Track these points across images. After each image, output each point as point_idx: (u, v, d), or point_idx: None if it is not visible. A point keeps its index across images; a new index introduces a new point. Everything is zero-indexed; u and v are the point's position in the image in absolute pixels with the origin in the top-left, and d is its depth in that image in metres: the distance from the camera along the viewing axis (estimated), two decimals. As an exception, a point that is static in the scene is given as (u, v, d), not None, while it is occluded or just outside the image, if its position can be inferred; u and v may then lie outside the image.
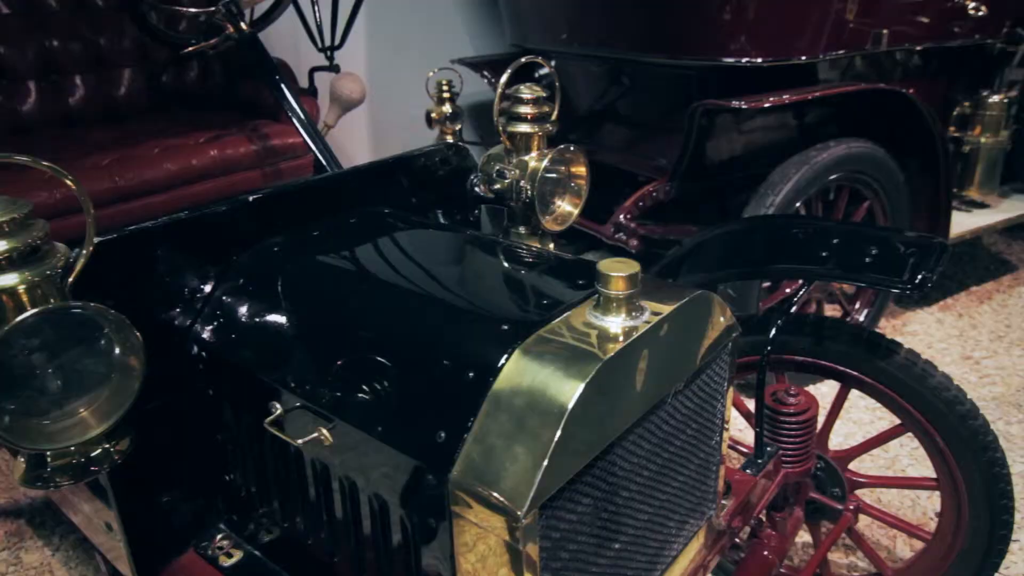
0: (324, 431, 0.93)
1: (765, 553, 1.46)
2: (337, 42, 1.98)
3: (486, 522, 0.77)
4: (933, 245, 1.39)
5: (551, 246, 1.49)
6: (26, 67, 1.91)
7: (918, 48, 2.69)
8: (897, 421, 1.53)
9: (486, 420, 0.80)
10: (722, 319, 1.02)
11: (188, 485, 1.16)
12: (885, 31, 2.48)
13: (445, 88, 1.98)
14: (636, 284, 0.86)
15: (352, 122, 2.87)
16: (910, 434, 1.52)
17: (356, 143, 3.21)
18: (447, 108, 2.03)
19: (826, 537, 1.58)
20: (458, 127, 2.07)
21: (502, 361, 0.83)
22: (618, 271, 0.85)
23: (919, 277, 1.33)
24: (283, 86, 1.56)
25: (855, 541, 1.67)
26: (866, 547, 1.66)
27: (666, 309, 0.91)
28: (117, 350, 0.90)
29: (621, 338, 0.85)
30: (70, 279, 0.88)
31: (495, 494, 0.75)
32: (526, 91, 1.44)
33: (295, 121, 1.54)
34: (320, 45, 1.99)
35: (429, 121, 2.00)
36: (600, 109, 3.01)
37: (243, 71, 2.10)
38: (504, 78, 1.40)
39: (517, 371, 0.82)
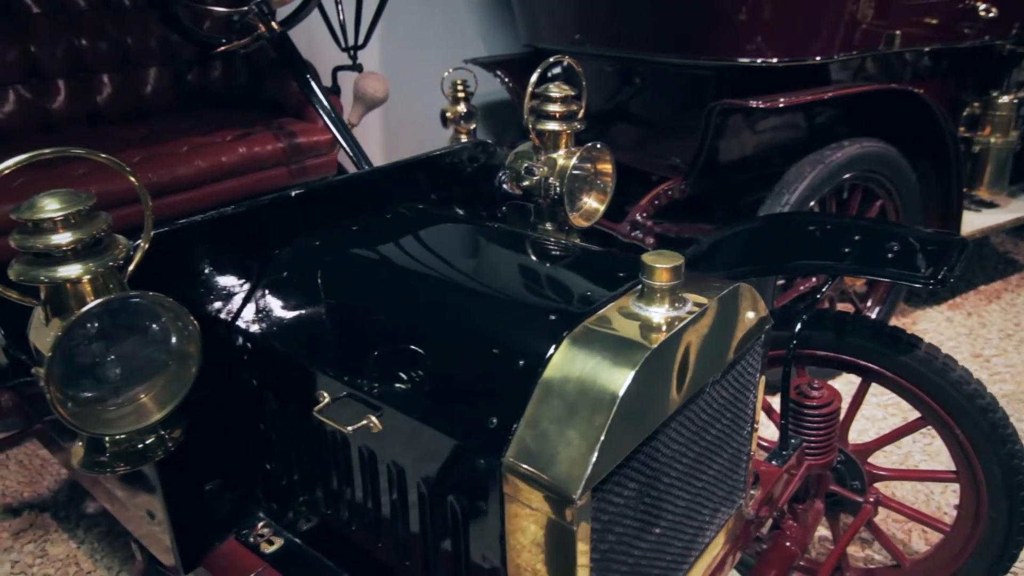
0: (373, 418, 0.96)
1: (787, 544, 1.49)
2: (360, 42, 2.01)
3: (539, 504, 0.80)
4: (954, 241, 1.42)
5: (576, 242, 1.52)
6: (56, 66, 1.93)
7: (929, 49, 2.71)
8: (917, 415, 1.56)
9: (538, 406, 0.83)
10: (757, 311, 1.05)
11: (229, 474, 1.19)
12: (898, 32, 2.51)
13: (460, 88, 2.01)
14: (680, 275, 0.88)
15: (366, 121, 2.90)
16: (922, 431, 1.55)
17: (370, 142, 3.24)
18: (462, 107, 2.06)
19: (846, 529, 1.60)
20: (472, 126, 2.10)
21: (551, 350, 0.86)
22: (662, 262, 0.88)
23: (941, 272, 1.36)
24: (313, 85, 1.58)
25: (873, 533, 1.70)
26: (884, 539, 1.69)
27: (707, 300, 0.93)
28: (174, 338, 0.92)
29: (664, 328, 0.87)
30: (129, 270, 0.91)
31: (549, 476, 0.78)
32: (555, 90, 1.47)
33: (326, 119, 1.56)
34: (343, 45, 2.02)
35: (444, 120, 2.03)
36: (612, 109, 3.04)
37: (267, 70, 2.13)
38: (534, 77, 1.43)
39: (567, 359, 0.85)
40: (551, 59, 1.47)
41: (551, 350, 0.86)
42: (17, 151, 1.84)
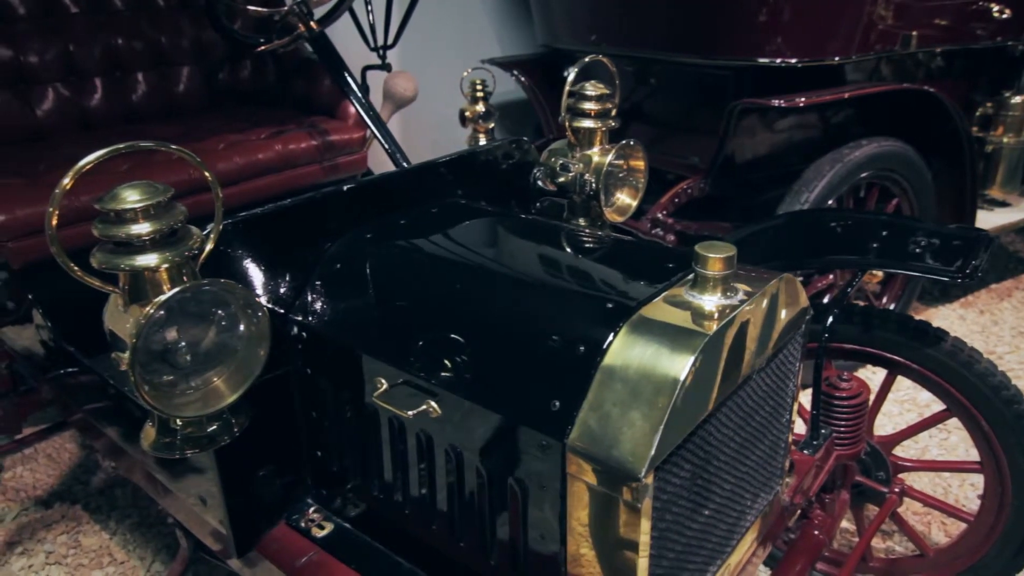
0: (432, 403, 0.99)
1: (816, 533, 1.52)
2: (390, 42, 2.05)
3: (603, 483, 0.83)
4: (980, 236, 1.45)
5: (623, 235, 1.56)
6: (93, 64, 1.97)
7: (943, 50, 2.75)
8: (932, 410, 1.59)
9: (600, 390, 0.86)
10: (799, 302, 1.09)
11: (280, 461, 1.22)
12: (913, 33, 2.55)
13: (479, 87, 2.05)
14: (732, 265, 0.92)
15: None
16: (938, 427, 1.58)
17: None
18: (480, 107, 2.10)
19: (869, 520, 1.64)
20: (491, 125, 2.13)
21: (611, 336, 0.89)
22: (716, 252, 0.91)
23: (969, 267, 1.40)
24: (352, 83, 1.61)
25: (897, 524, 1.73)
26: (908, 529, 1.72)
27: (756, 289, 0.97)
28: (243, 325, 0.96)
29: (717, 315, 0.91)
30: (200, 259, 0.94)
31: (615, 456, 0.82)
32: (590, 88, 1.50)
33: (365, 117, 1.60)
34: (372, 44, 2.06)
35: (463, 119, 2.06)
36: (628, 108, 3.07)
37: (296, 69, 2.17)
38: (571, 76, 1.46)
39: (626, 345, 0.88)
40: (587, 59, 1.50)
41: (610, 337, 0.89)
42: (56, 149, 1.88)
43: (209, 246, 0.95)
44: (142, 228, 0.87)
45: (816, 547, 1.50)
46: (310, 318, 1.15)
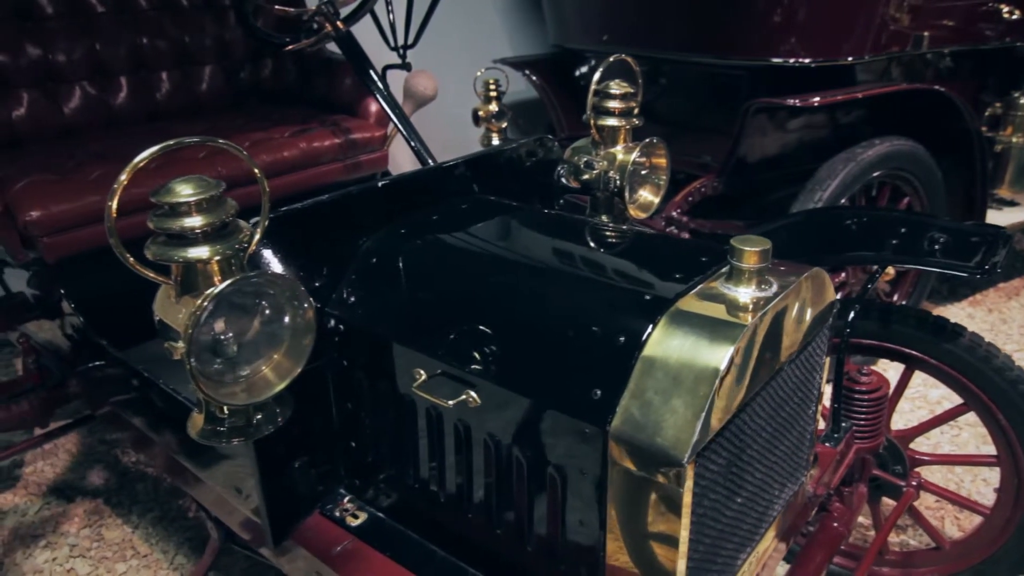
0: (472, 393, 1.02)
1: (835, 525, 1.54)
2: (410, 41, 2.07)
3: (646, 469, 0.86)
4: (998, 233, 1.48)
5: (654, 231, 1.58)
6: (118, 63, 1.99)
7: (954, 50, 2.78)
8: (943, 407, 1.62)
9: (642, 379, 0.89)
10: (828, 296, 1.11)
11: (315, 451, 1.25)
12: (925, 34, 2.58)
13: (492, 87, 2.07)
14: (767, 258, 0.94)
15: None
16: (950, 423, 1.60)
17: (397, 140, 3.30)
18: (493, 106, 2.12)
19: (888, 512, 1.66)
20: (504, 125, 2.16)
21: (650, 327, 0.92)
22: (751, 245, 0.94)
23: (988, 263, 1.42)
24: (379, 82, 1.64)
25: (913, 517, 1.76)
26: (924, 522, 1.75)
27: (788, 282, 0.99)
28: (288, 316, 0.98)
29: (752, 307, 0.93)
30: (248, 252, 0.97)
31: (657, 442, 0.84)
32: (615, 87, 1.53)
33: (392, 115, 1.62)
34: (393, 44, 2.08)
35: (476, 119, 2.08)
36: (640, 108, 3.10)
37: (316, 68, 2.19)
38: (597, 75, 1.48)
39: (666, 336, 0.90)
40: (610, 58, 1.53)
41: (649, 328, 0.92)
42: (85, 146, 1.90)
43: (256, 239, 0.97)
44: (195, 221, 0.90)
45: (836, 539, 1.52)
46: (347, 311, 1.17)
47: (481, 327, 1.05)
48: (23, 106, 1.86)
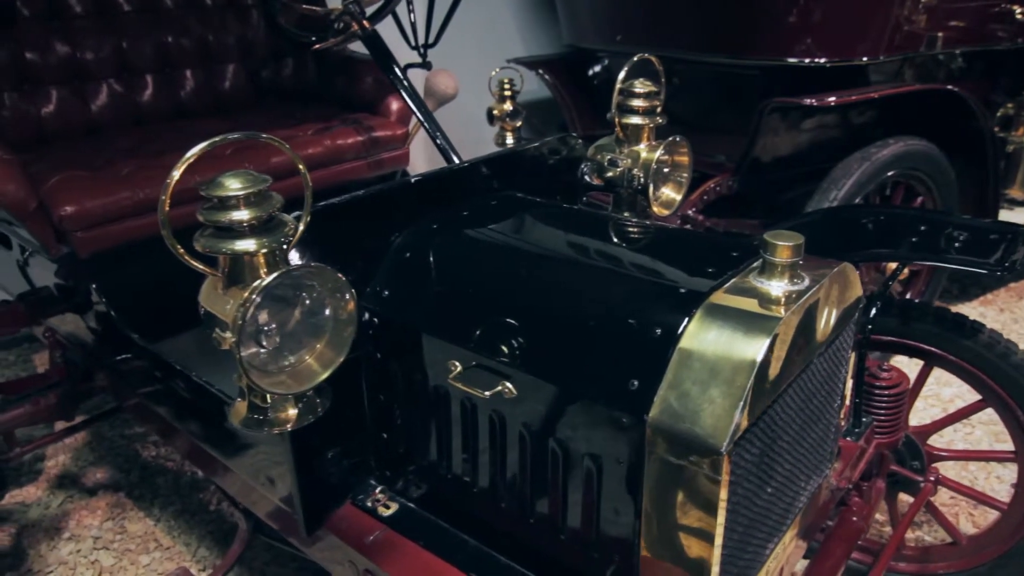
0: (507, 384, 1.04)
1: (854, 519, 1.56)
2: (431, 40, 2.09)
3: (684, 458, 0.88)
4: (1017, 231, 1.50)
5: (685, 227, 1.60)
6: (145, 62, 2.02)
7: (966, 51, 2.79)
8: (957, 405, 1.63)
9: (679, 370, 0.91)
10: (856, 291, 1.13)
11: (347, 443, 1.27)
12: (939, 35, 2.59)
13: (507, 86, 2.09)
14: (800, 253, 0.96)
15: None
16: (964, 420, 1.61)
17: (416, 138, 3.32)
18: (508, 106, 2.14)
19: (907, 508, 1.68)
20: (518, 124, 2.18)
21: (685, 319, 0.94)
22: (784, 240, 0.96)
23: (1008, 260, 1.44)
24: (405, 80, 1.66)
25: (931, 512, 1.78)
26: (941, 517, 1.76)
27: (818, 277, 1.01)
28: (329, 308, 1.00)
29: (784, 300, 0.96)
30: (291, 244, 0.99)
31: (696, 431, 0.86)
32: (639, 86, 1.55)
33: (418, 114, 1.64)
34: (413, 43, 2.10)
35: (491, 118, 2.11)
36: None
37: (337, 67, 2.22)
38: (622, 74, 1.51)
39: (702, 328, 0.93)
40: (635, 57, 1.55)
41: (685, 320, 0.94)
42: (113, 142, 1.92)
43: (299, 232, 1.00)
44: (243, 215, 0.92)
45: (855, 533, 1.54)
46: (381, 304, 1.19)
47: (516, 319, 1.07)
48: (52, 103, 1.89)
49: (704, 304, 0.95)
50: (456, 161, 1.80)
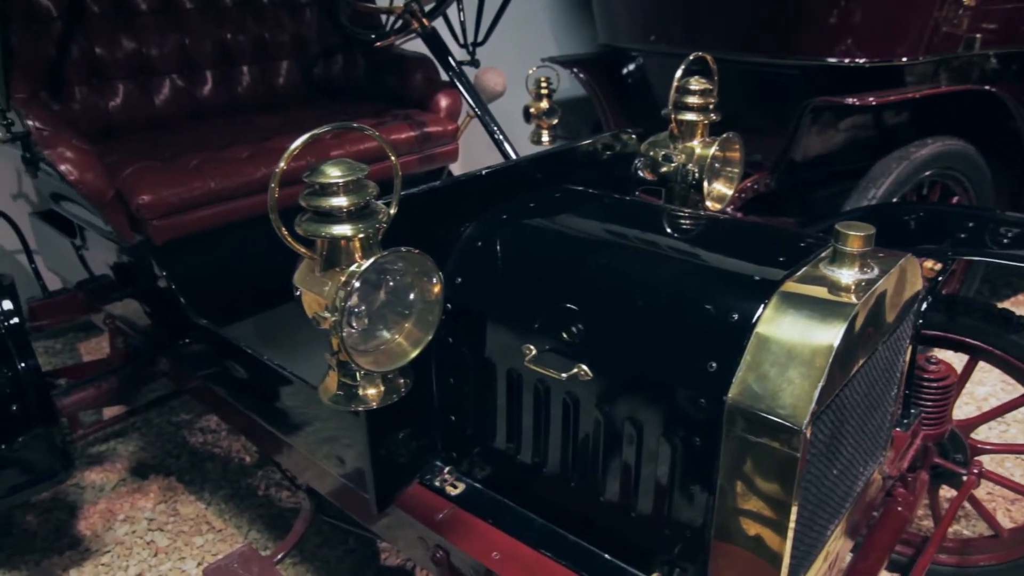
0: (583, 367, 1.08)
1: (900, 509, 1.60)
2: (480, 38, 2.14)
3: (764, 436, 0.92)
4: (1066, 228, 1.53)
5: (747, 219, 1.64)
6: (204, 58, 2.09)
7: (1003, 51, 2.81)
8: (987, 404, 1.66)
9: (757, 353, 0.95)
10: (918, 282, 1.17)
11: (416, 424, 1.32)
12: (977, 36, 2.62)
13: (543, 85, 2.14)
14: (871, 243, 1.01)
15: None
16: (999, 418, 1.63)
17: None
18: (544, 104, 2.19)
19: (947, 501, 1.71)
20: (555, 122, 2.22)
21: (761, 305, 0.98)
22: (856, 230, 1.00)
23: (1058, 256, 1.47)
24: (465, 77, 1.71)
25: (973, 505, 1.80)
26: (983, 510, 1.79)
27: (887, 267, 1.05)
28: (416, 291, 1.05)
29: (855, 288, 1.00)
30: (383, 230, 1.04)
31: (776, 410, 0.91)
32: (694, 84, 1.59)
33: (476, 109, 1.69)
34: (462, 41, 2.15)
35: (527, 116, 2.15)
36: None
37: (386, 64, 2.27)
38: (679, 73, 1.55)
39: (778, 313, 0.97)
40: (691, 56, 1.59)
41: (761, 306, 0.98)
42: (176, 135, 1.98)
43: (389, 219, 1.05)
44: (341, 201, 0.97)
45: (901, 523, 1.57)
46: (452, 291, 1.24)
47: (589, 306, 1.12)
48: (119, 97, 1.96)
49: (778, 292, 0.99)
50: (512, 155, 1.85)
